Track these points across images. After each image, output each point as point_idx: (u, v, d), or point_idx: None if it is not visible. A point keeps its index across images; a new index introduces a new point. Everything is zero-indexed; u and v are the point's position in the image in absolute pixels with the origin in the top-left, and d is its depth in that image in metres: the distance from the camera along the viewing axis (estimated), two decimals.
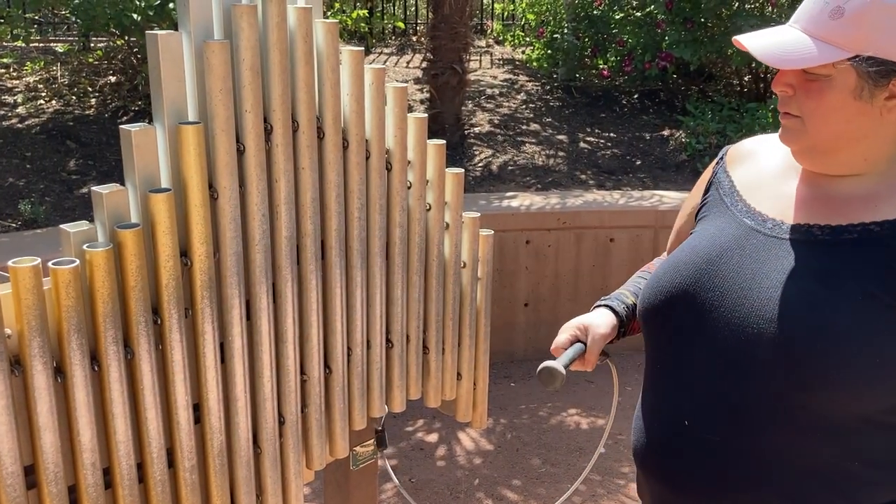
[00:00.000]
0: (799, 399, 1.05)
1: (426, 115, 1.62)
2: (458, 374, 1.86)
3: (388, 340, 1.69)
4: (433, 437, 3.38)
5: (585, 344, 1.37)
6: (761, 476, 1.08)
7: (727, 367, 1.10)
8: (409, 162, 1.62)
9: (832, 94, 1.05)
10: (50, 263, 1.11)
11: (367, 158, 1.53)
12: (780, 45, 1.06)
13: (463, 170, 1.73)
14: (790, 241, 1.10)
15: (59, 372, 1.16)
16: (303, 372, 1.52)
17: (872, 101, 1.04)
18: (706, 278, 1.14)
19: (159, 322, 1.26)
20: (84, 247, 1.15)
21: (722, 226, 1.19)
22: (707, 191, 1.29)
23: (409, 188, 1.63)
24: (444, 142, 1.67)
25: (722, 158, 1.30)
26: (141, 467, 1.29)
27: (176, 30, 1.24)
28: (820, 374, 1.02)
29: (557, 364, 1.30)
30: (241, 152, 1.32)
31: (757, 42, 1.09)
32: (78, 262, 1.13)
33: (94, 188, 1.20)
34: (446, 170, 1.69)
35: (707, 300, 1.13)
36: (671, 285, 1.17)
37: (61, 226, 1.18)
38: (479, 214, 1.78)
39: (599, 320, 1.39)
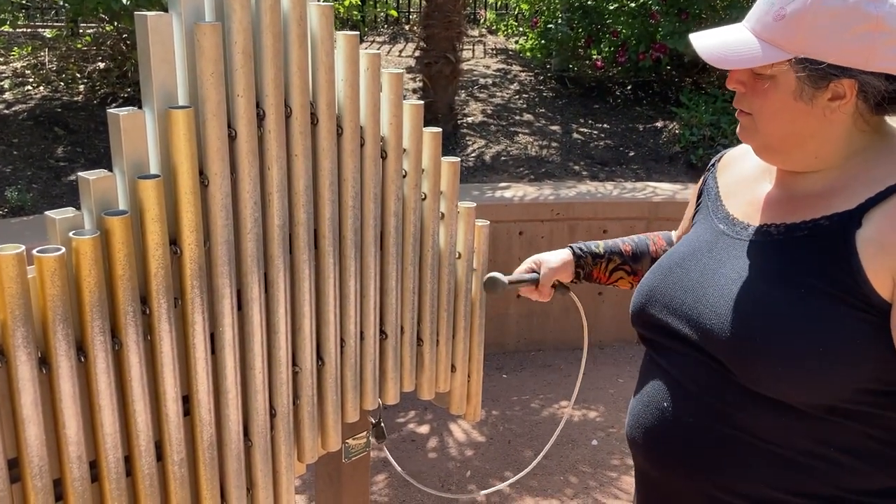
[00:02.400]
0: (759, 390, 1.08)
1: (422, 102, 1.59)
2: (453, 367, 1.83)
3: (382, 332, 1.66)
4: (424, 429, 3.36)
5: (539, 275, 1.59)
6: (737, 460, 1.12)
7: (693, 356, 1.16)
8: (404, 150, 1.59)
9: (775, 95, 1.08)
10: (34, 251, 1.08)
11: (362, 146, 1.50)
12: (724, 45, 1.10)
13: (459, 159, 1.70)
14: (750, 241, 1.15)
15: (44, 363, 1.13)
16: (295, 363, 1.50)
17: (813, 103, 1.07)
18: (676, 278, 1.21)
19: (148, 312, 1.23)
20: (70, 234, 1.12)
21: (700, 231, 1.26)
22: (700, 196, 1.35)
23: (404, 177, 1.60)
24: (440, 130, 1.64)
25: (714, 165, 1.35)
26: (128, 460, 1.26)
27: (166, 12, 1.21)
28: (767, 368, 1.06)
29: (503, 276, 1.57)
30: (232, 138, 1.29)
31: (704, 41, 1.12)
32: (64, 249, 1.10)
33: (80, 174, 1.17)
34: (442, 159, 1.66)
35: (675, 297, 1.20)
36: (649, 285, 1.25)
37: (47, 213, 1.15)
38: (474, 205, 1.75)
39: (553, 256, 1.59)
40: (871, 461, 1.07)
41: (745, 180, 1.25)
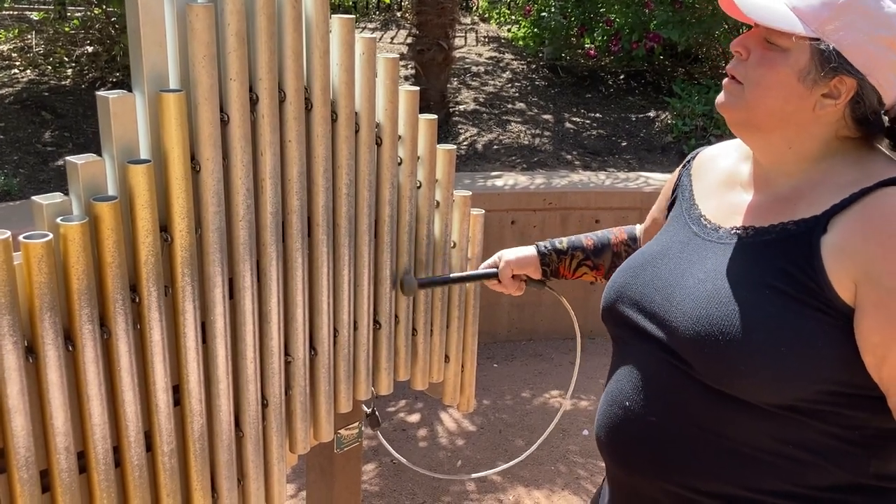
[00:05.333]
0: (721, 388, 1.09)
1: (418, 88, 1.56)
2: (446, 357, 1.82)
3: (376, 321, 1.64)
4: (415, 418, 3.34)
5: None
6: (701, 458, 1.13)
7: (658, 354, 1.17)
8: (399, 137, 1.56)
9: (782, 68, 1.08)
10: (21, 237, 1.05)
11: (357, 132, 1.47)
12: (756, 4, 1.08)
13: (455, 147, 1.68)
14: (720, 244, 1.16)
15: (31, 351, 1.10)
16: (287, 353, 1.47)
17: (812, 90, 1.07)
18: (646, 276, 1.22)
19: (137, 300, 1.20)
20: (58, 220, 1.09)
21: (673, 232, 1.27)
22: (675, 191, 1.36)
23: (399, 164, 1.57)
24: (435, 117, 1.61)
25: (689, 163, 1.35)
26: (117, 451, 1.24)
27: None
28: (729, 367, 1.07)
29: (414, 277, 1.63)
30: (224, 123, 1.26)
31: None
32: (51, 235, 1.07)
33: (69, 158, 1.14)
34: (437, 146, 1.63)
35: (645, 296, 1.21)
36: (620, 283, 1.26)
37: (34, 198, 1.12)
38: (469, 193, 1.73)
39: (513, 252, 1.65)
40: (832, 458, 1.09)
41: (718, 184, 1.26)
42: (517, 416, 3.39)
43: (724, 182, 1.25)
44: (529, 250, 1.63)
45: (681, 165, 1.38)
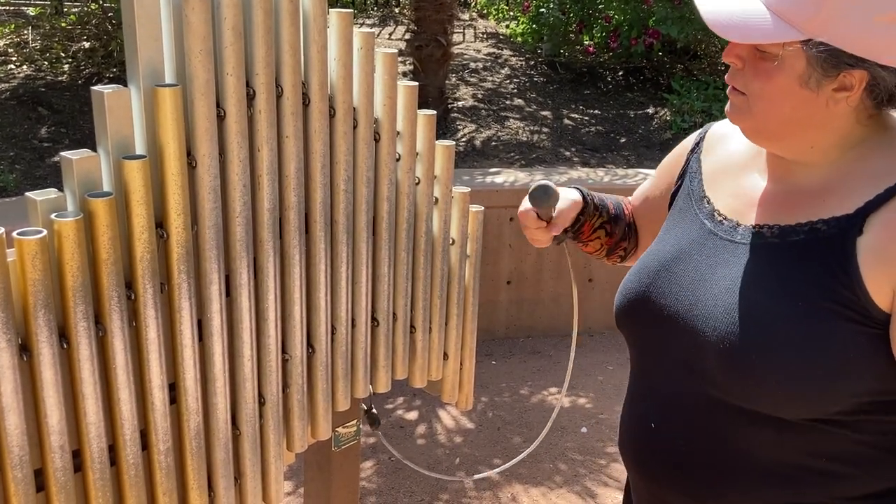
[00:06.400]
0: (748, 405, 1.03)
1: (416, 83, 1.55)
2: (445, 354, 1.80)
3: (374, 319, 1.63)
4: (413, 415, 3.34)
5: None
6: (727, 480, 1.07)
7: (683, 371, 1.09)
8: (397, 133, 1.55)
9: (779, 78, 0.99)
10: (14, 233, 1.04)
11: (355, 128, 1.46)
12: (731, 14, 0.98)
13: (454, 143, 1.66)
14: (742, 244, 1.07)
15: (25, 349, 1.09)
16: (284, 351, 1.46)
17: (819, 91, 0.98)
18: (664, 283, 1.13)
19: (133, 297, 1.19)
20: (52, 216, 1.08)
21: (685, 228, 1.17)
22: (680, 178, 1.25)
23: (397, 160, 1.56)
24: (434, 112, 1.60)
25: (698, 145, 1.25)
26: (113, 450, 1.22)
27: None
28: (764, 387, 1.00)
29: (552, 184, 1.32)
30: (221, 118, 1.24)
31: (710, 5, 1.01)
32: (45, 232, 1.06)
33: (63, 153, 1.12)
34: (436, 142, 1.62)
35: (664, 305, 1.12)
36: (635, 290, 1.17)
37: (28, 193, 1.11)
38: (468, 190, 1.71)
39: (564, 191, 1.37)
40: (865, 466, 1.04)
41: (730, 167, 1.16)
42: (515, 414, 3.38)
43: (738, 166, 1.15)
44: (575, 193, 1.38)
45: (689, 149, 1.26)
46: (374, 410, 1.75)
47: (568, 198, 1.36)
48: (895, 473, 1.04)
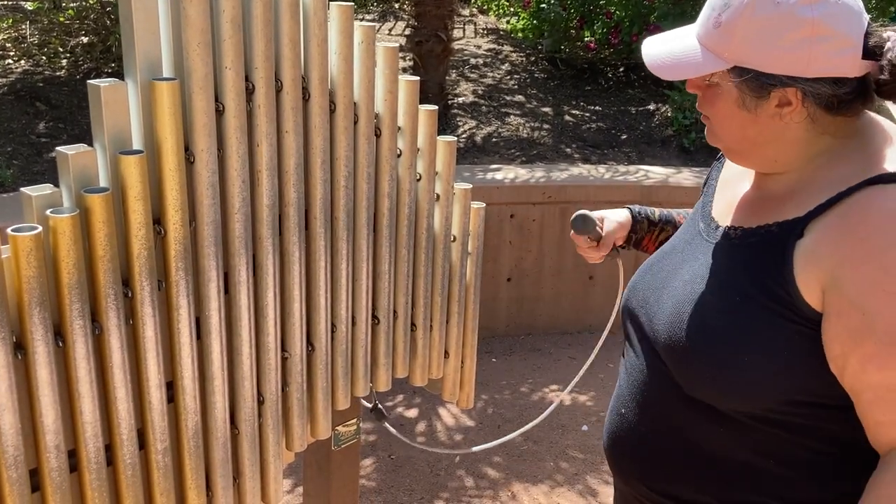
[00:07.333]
0: (696, 396, 1.09)
1: (417, 78, 1.53)
2: (446, 353, 1.79)
3: (375, 317, 1.61)
4: (413, 413, 3.32)
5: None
6: (685, 470, 1.13)
7: (647, 362, 1.16)
8: (398, 128, 1.53)
9: (720, 104, 1.06)
10: (9, 230, 1.02)
11: (355, 123, 1.44)
12: (669, 53, 1.07)
13: (455, 139, 1.65)
14: (712, 243, 1.14)
15: (20, 348, 1.07)
16: (284, 349, 1.44)
17: (758, 111, 1.04)
18: (650, 277, 1.22)
19: (130, 295, 1.17)
20: (48, 212, 1.06)
21: (686, 229, 1.26)
22: (705, 183, 1.33)
23: (398, 156, 1.54)
24: (436, 108, 1.58)
25: (722, 155, 1.31)
26: (109, 449, 1.21)
27: None
28: (695, 374, 1.07)
29: (590, 212, 1.44)
30: (219, 112, 1.22)
31: (653, 49, 1.10)
32: (41, 228, 1.04)
33: (59, 149, 1.10)
34: (437, 138, 1.60)
35: (646, 297, 1.20)
36: (632, 282, 1.26)
37: (23, 189, 1.09)
38: (470, 186, 1.70)
39: (614, 214, 1.48)
40: (810, 472, 1.07)
41: (734, 175, 1.24)
42: (516, 411, 3.36)
43: (739, 174, 1.21)
44: (625, 214, 1.49)
45: (715, 159, 1.34)
46: (379, 405, 1.74)
47: (614, 220, 1.47)
48: (845, 484, 1.06)
